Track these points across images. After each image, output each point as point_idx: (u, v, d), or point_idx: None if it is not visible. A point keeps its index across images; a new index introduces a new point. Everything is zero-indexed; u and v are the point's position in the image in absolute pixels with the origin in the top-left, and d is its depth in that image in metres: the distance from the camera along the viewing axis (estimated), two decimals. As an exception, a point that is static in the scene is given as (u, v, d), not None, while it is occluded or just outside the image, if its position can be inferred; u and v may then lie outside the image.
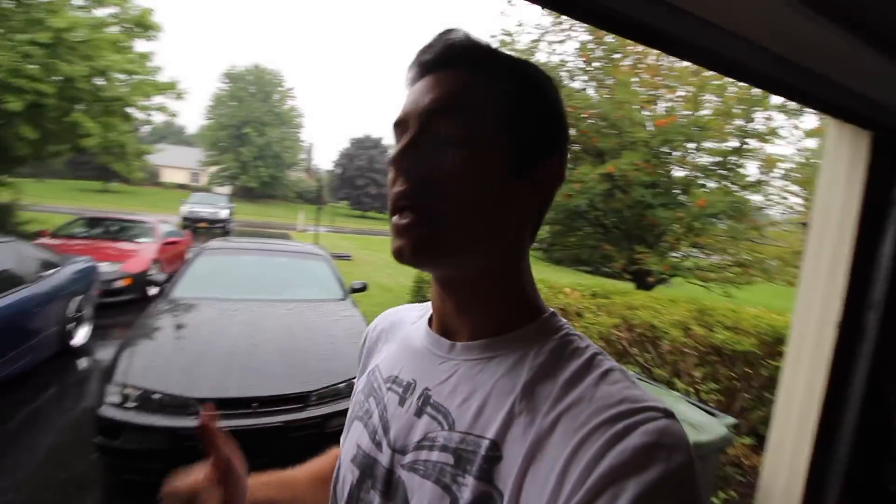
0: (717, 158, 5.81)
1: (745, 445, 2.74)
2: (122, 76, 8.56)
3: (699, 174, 5.97)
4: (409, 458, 0.44)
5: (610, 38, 5.57)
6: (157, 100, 9.49)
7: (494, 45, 0.46)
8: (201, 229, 14.86)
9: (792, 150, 7.14)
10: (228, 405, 2.24)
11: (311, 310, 3.36)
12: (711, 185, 5.89)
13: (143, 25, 8.54)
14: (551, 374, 0.40)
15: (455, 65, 0.43)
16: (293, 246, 4.64)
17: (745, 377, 2.85)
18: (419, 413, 0.45)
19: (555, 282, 4.48)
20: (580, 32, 5.88)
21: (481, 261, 0.44)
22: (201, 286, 3.51)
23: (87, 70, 7.60)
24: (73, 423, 3.02)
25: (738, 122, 5.49)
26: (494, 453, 0.38)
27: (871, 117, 0.95)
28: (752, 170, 5.87)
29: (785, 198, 5.97)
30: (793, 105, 4.95)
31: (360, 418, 0.52)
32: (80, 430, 2.86)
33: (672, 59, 5.18)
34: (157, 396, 2.19)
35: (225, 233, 15.28)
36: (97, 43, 7.63)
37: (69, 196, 23.29)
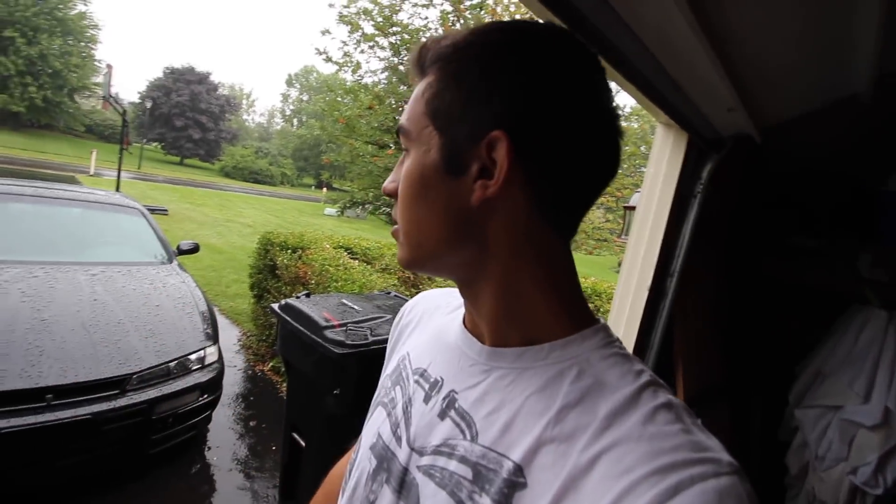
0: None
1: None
2: None
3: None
4: (426, 460, 0.41)
5: (469, 13, 5.71)
6: None
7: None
8: (-72, 162, 10.78)
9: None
10: (9, 400, 1.73)
11: (125, 275, 2.77)
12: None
13: None
14: (593, 401, 0.35)
15: (417, 76, 0.43)
16: (93, 194, 3.68)
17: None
18: (442, 415, 0.42)
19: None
20: (443, 0, 5.89)
21: (462, 268, 0.42)
22: (-55, 243, 2.57)
23: None
24: None
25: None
26: (518, 478, 0.34)
27: (692, 123, 1.16)
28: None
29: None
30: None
31: (384, 405, 0.50)
32: None
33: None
34: None
35: (-29, 170, 11.34)
36: None
37: None
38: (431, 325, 0.53)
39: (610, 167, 0.40)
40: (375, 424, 0.50)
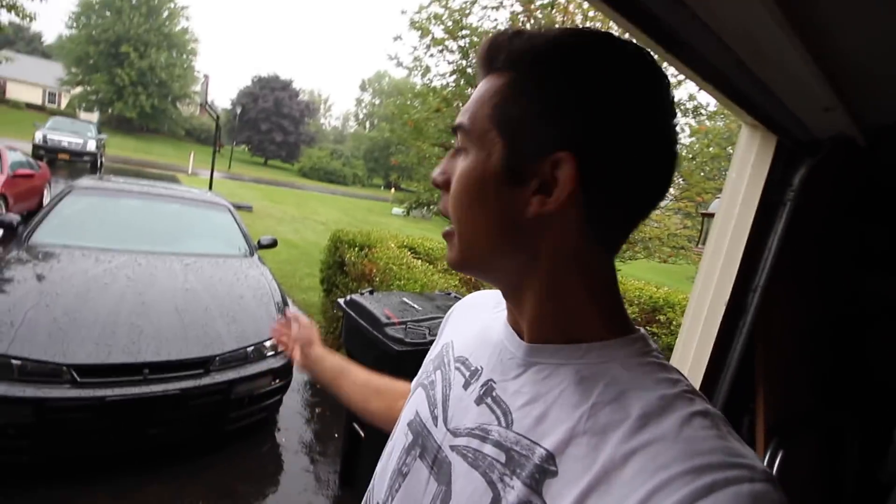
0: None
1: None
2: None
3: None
4: (460, 441, 0.43)
5: (539, 13, 5.62)
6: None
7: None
8: (61, 162, 12.52)
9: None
10: (113, 372, 1.98)
11: (212, 266, 3.05)
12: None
13: None
14: (627, 400, 0.36)
15: (484, 70, 0.42)
16: (189, 192, 4.11)
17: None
18: (479, 401, 0.44)
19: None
20: (513, 1, 5.84)
21: (508, 275, 0.43)
22: (71, 232, 2.99)
23: None
24: None
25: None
26: (549, 466, 0.35)
27: (781, 124, 1.06)
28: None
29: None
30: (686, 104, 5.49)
31: (424, 386, 0.53)
32: None
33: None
34: (17, 363, 1.84)
35: (93, 168, 13.05)
36: None
37: None
38: (478, 320, 0.55)
39: (664, 189, 0.40)
40: (414, 404, 0.53)
